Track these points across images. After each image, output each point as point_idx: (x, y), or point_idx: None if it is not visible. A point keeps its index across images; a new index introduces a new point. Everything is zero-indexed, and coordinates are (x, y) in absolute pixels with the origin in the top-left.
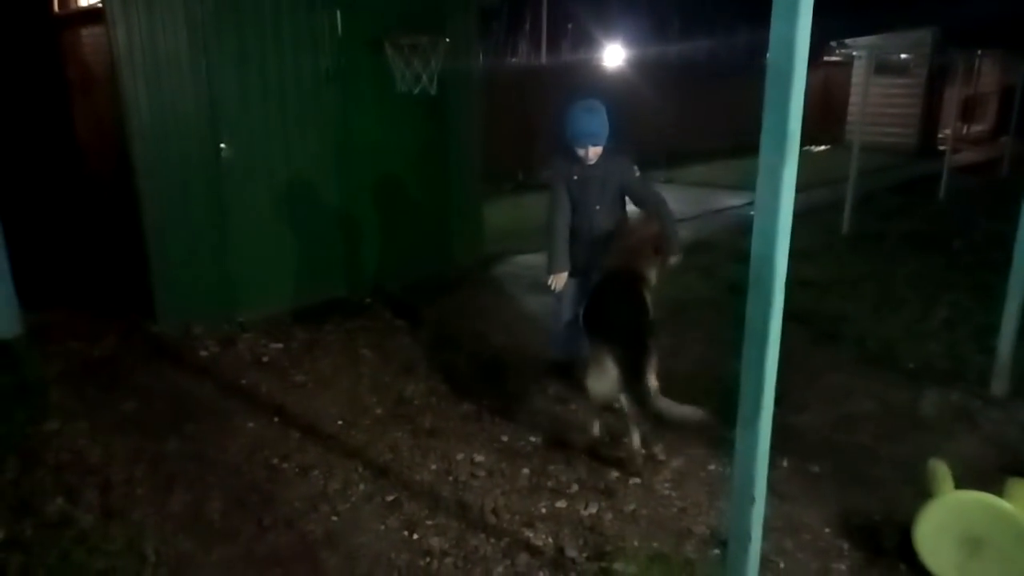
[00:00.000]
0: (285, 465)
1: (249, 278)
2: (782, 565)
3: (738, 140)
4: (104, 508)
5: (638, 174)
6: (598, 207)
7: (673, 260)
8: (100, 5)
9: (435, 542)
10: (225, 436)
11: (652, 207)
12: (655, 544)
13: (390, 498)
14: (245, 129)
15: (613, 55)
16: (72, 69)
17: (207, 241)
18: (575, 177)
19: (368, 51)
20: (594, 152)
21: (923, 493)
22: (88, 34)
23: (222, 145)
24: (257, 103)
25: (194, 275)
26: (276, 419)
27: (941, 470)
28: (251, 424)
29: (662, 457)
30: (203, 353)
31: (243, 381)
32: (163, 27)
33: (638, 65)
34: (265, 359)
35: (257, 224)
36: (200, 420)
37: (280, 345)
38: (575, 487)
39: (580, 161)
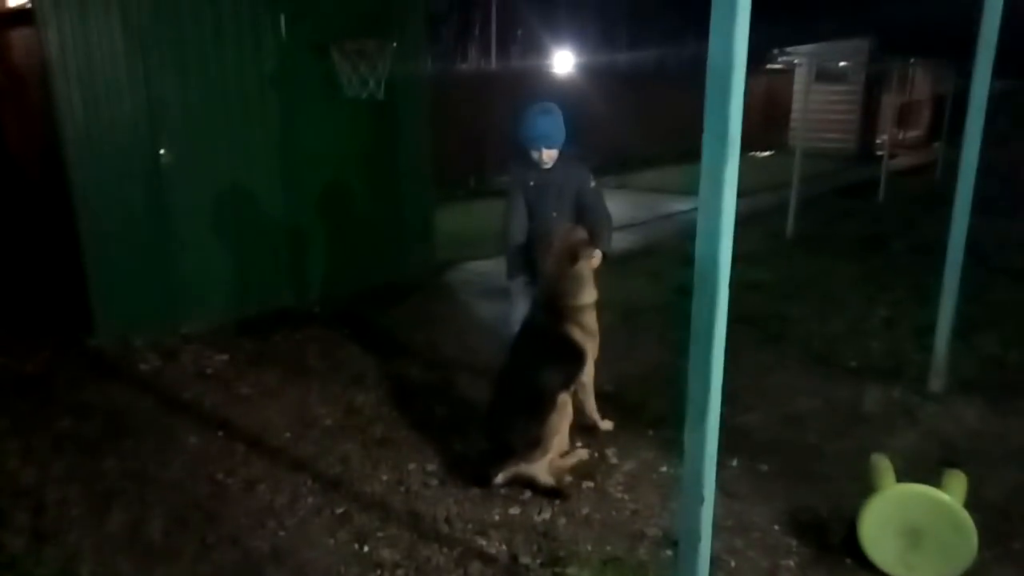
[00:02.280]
0: (230, 480)
1: (192, 288)
2: (733, 564)
3: (687, 145)
4: (36, 531)
5: (594, 184)
6: (555, 214)
7: (599, 256)
8: (29, 5)
9: (386, 554)
10: (166, 452)
11: (591, 220)
12: (608, 548)
13: (340, 511)
14: (186, 135)
15: (563, 61)
16: (0, 73)
17: (147, 251)
18: (531, 183)
19: (314, 55)
20: (548, 155)
21: (866, 488)
22: (18, 36)
23: (162, 151)
24: (198, 108)
25: (133, 286)
26: (220, 433)
27: (883, 465)
28: (194, 439)
29: (615, 461)
30: (143, 367)
31: (186, 395)
32: (97, 29)
33: (588, 71)
34: (209, 371)
35: (200, 232)
36: (140, 436)
37: (225, 356)
38: (528, 493)
39: (536, 166)
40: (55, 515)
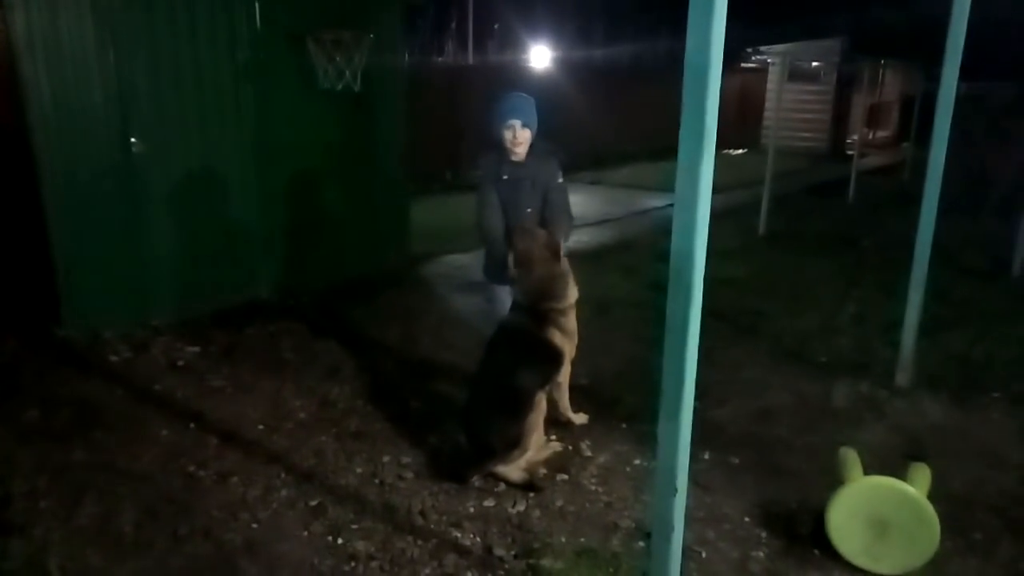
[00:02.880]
0: (202, 473)
1: (164, 279)
2: (704, 555)
3: (661, 142)
4: (2, 523)
5: (561, 180)
6: (529, 209)
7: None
8: None
9: (360, 546)
10: (137, 444)
11: (553, 214)
12: (582, 539)
13: (314, 503)
14: (158, 123)
15: (539, 56)
16: None
17: (117, 241)
18: (505, 177)
19: (289, 46)
20: (521, 136)
21: (835, 480)
22: None
23: (133, 140)
24: (171, 97)
25: (103, 277)
26: (192, 425)
27: (851, 458)
28: (165, 431)
29: (589, 454)
30: (113, 358)
31: (157, 387)
32: (66, 13)
33: (564, 66)
34: (181, 363)
35: (172, 222)
36: (110, 428)
37: (197, 349)
38: (502, 486)
39: (508, 160)
40: (22, 507)
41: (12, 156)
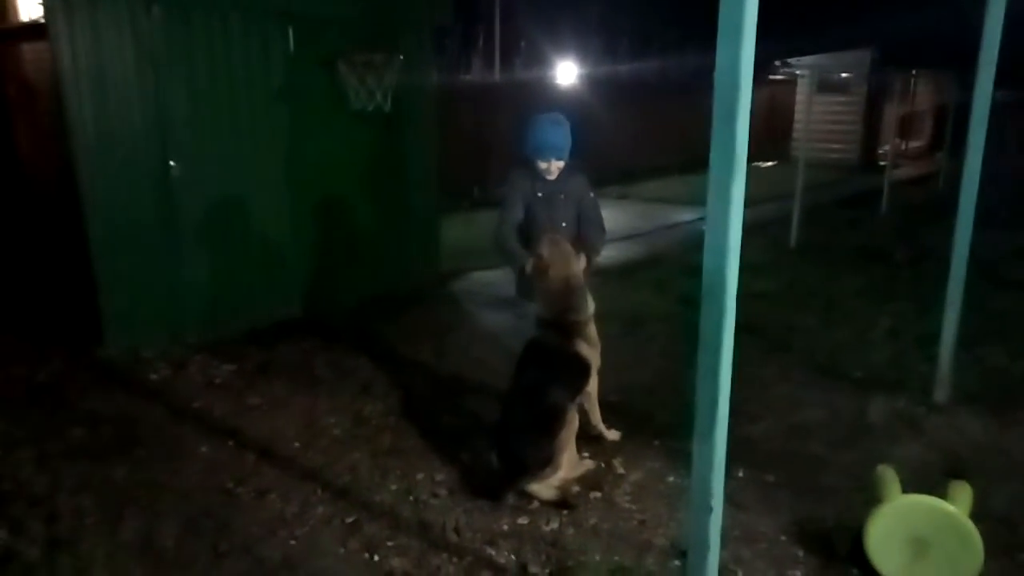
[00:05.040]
0: (240, 489)
1: (201, 299)
2: (740, 574)
3: (689, 156)
4: (50, 539)
5: (593, 195)
6: (564, 224)
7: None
8: (43, 20)
9: (396, 563)
10: (177, 461)
11: (588, 228)
12: (616, 557)
13: (350, 520)
14: (195, 147)
15: (566, 72)
16: (13, 86)
17: (156, 261)
18: (539, 194)
19: (321, 68)
20: (556, 166)
21: (872, 498)
22: (30, 50)
23: (171, 163)
24: (208, 120)
25: (143, 297)
26: (230, 442)
27: (888, 475)
28: (204, 448)
29: (622, 471)
30: (153, 376)
31: (195, 404)
32: (109, 43)
33: (591, 82)
34: (218, 381)
35: (209, 243)
36: (151, 445)
37: (233, 366)
38: (536, 503)
39: (541, 177)
40: (69, 524)
41: (57, 182)
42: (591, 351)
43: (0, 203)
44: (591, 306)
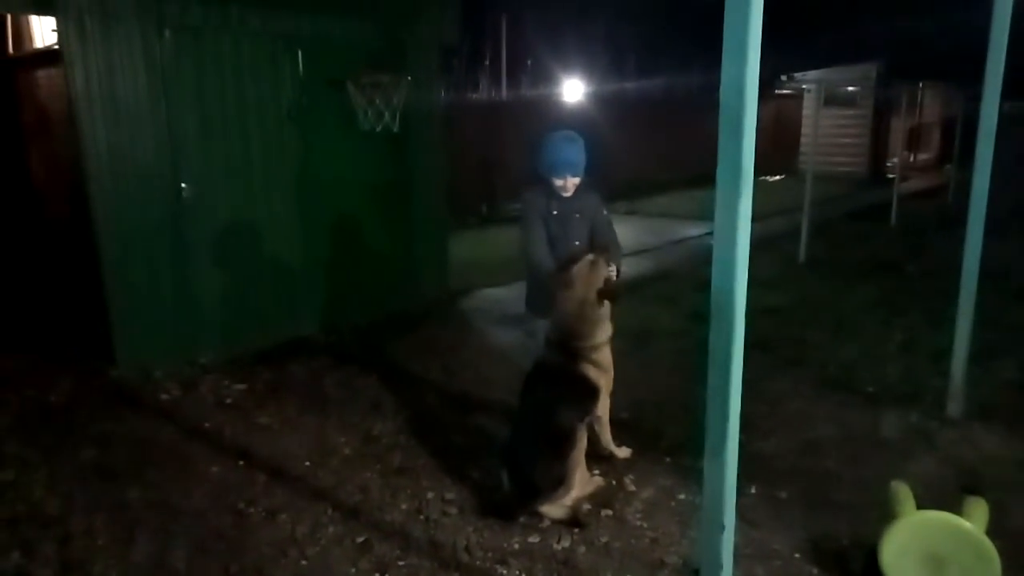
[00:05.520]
0: (251, 510)
1: (211, 319)
2: None
3: (696, 171)
4: (63, 561)
5: (606, 213)
6: (577, 242)
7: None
8: (57, 47)
9: None
10: (188, 482)
11: (604, 245)
12: None
13: (360, 539)
14: (207, 169)
15: (573, 90)
16: (28, 111)
17: (168, 282)
18: (554, 212)
19: (330, 89)
20: (572, 183)
21: (886, 515)
22: (44, 75)
23: (183, 185)
24: (219, 143)
25: (154, 317)
26: (241, 462)
27: (903, 491)
28: (215, 468)
29: (633, 488)
30: (164, 397)
31: (206, 424)
32: (121, 67)
33: (598, 99)
34: (228, 401)
35: (219, 264)
36: (162, 466)
37: (244, 386)
38: (547, 521)
39: (556, 195)
40: (81, 545)
41: (69, 205)
42: (600, 374)
43: (15, 226)
44: (608, 330)
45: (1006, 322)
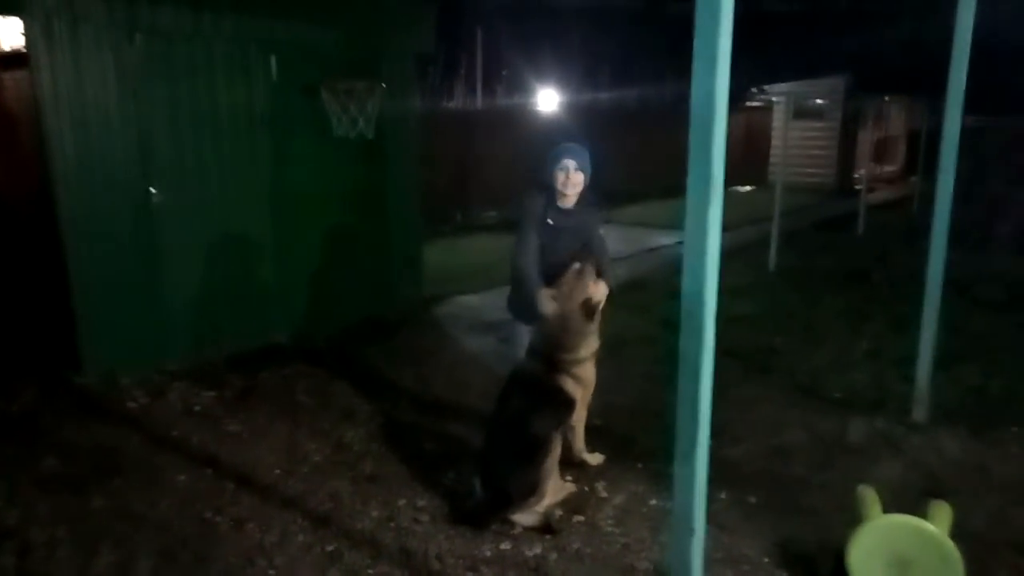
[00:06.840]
0: (219, 519)
1: (181, 325)
2: None
3: (669, 180)
4: (22, 573)
5: (602, 231)
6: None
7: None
8: (24, 49)
9: None
10: (154, 491)
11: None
12: None
13: (330, 548)
14: (177, 174)
15: (547, 99)
16: None
17: (136, 288)
18: (550, 222)
19: (304, 96)
20: (575, 178)
21: (853, 518)
22: (10, 78)
23: (152, 190)
24: (189, 147)
25: (122, 323)
26: (209, 471)
27: (869, 495)
28: (182, 477)
29: (604, 494)
30: (131, 404)
31: (174, 432)
32: (90, 71)
33: (572, 109)
34: (197, 408)
35: (189, 270)
36: (127, 475)
37: (213, 393)
38: (519, 528)
39: (555, 205)
40: (41, 556)
41: (34, 207)
42: (578, 387)
43: None
44: (593, 345)
45: (969, 330)
